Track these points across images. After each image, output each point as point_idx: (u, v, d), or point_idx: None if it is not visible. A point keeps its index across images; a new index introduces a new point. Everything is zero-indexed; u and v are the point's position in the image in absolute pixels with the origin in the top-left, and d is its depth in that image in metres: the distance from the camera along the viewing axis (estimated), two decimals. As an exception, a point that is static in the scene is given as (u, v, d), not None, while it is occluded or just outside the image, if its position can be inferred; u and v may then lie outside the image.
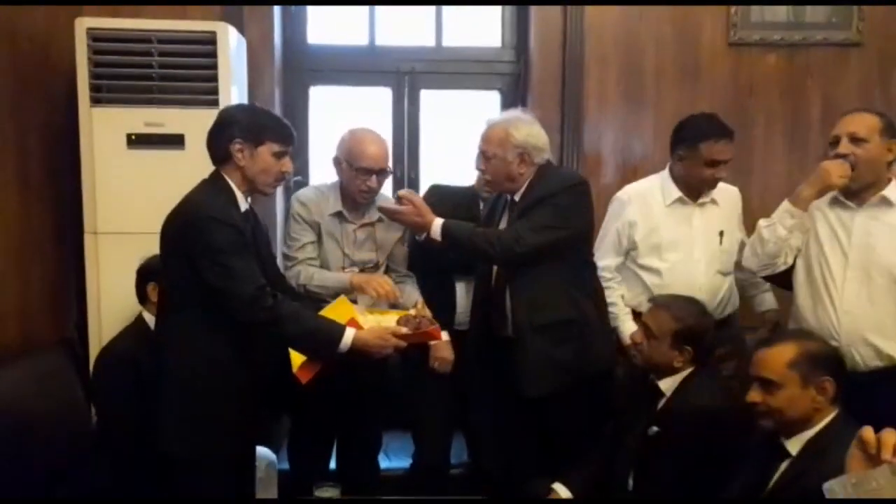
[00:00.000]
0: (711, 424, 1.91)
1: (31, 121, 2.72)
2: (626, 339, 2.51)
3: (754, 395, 1.71)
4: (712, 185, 2.54)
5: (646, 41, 3.24)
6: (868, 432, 1.14)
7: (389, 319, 2.19)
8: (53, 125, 2.82)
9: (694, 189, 2.56)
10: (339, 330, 1.97)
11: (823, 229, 2.21)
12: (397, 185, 3.48)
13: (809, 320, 2.19)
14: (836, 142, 2.17)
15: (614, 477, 2.09)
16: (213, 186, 2.02)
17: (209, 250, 1.87)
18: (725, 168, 2.52)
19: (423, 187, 3.49)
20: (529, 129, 2.39)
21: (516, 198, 2.42)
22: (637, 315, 2.47)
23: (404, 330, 2.09)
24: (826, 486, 1.15)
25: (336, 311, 2.17)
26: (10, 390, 2.34)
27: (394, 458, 3.00)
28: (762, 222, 2.26)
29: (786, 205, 2.19)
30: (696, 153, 2.47)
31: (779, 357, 1.69)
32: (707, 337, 2.09)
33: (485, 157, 2.42)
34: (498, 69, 3.46)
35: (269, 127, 2.02)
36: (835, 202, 2.21)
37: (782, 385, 1.67)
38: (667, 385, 2.07)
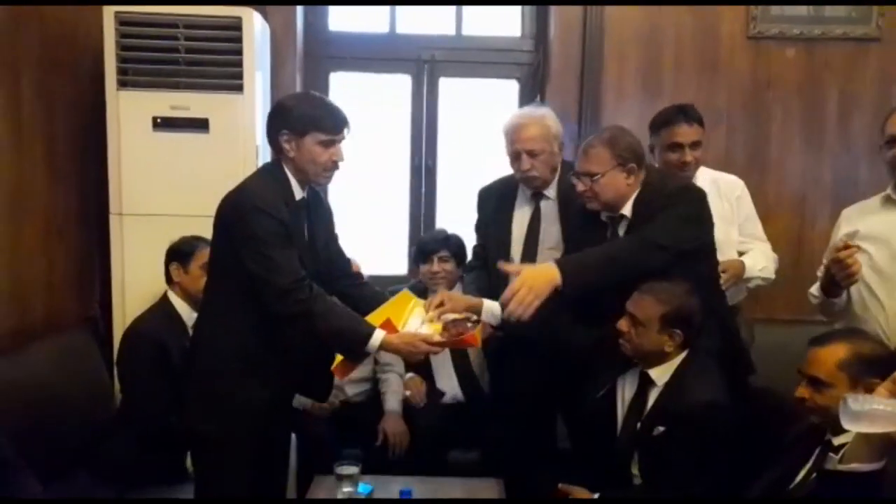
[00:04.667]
0: (717, 419, 1.89)
1: (59, 103, 2.76)
2: None
3: (803, 392, 1.71)
4: (681, 167, 2.53)
5: (665, 33, 3.25)
6: None
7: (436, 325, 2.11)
8: (80, 108, 2.86)
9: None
10: (368, 331, 1.95)
11: (872, 228, 2.15)
12: (415, 173, 3.52)
13: (861, 320, 2.14)
14: (892, 141, 2.10)
15: (616, 469, 2.08)
16: (269, 175, 2.05)
17: (252, 240, 1.90)
18: (693, 152, 2.53)
19: (441, 175, 3.54)
20: (556, 121, 2.47)
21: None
22: None
23: (437, 338, 2.02)
24: (846, 396, 1.31)
25: (395, 305, 2.17)
26: (36, 367, 2.40)
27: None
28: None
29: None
30: (659, 139, 2.56)
31: (830, 357, 1.68)
32: (695, 318, 2.02)
33: (531, 154, 2.43)
34: (517, 58, 3.47)
35: (314, 116, 2.00)
36: (887, 200, 2.18)
37: (831, 385, 1.66)
38: (659, 374, 2.03)
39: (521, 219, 2.58)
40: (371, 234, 3.56)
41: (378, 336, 1.95)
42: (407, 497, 1.88)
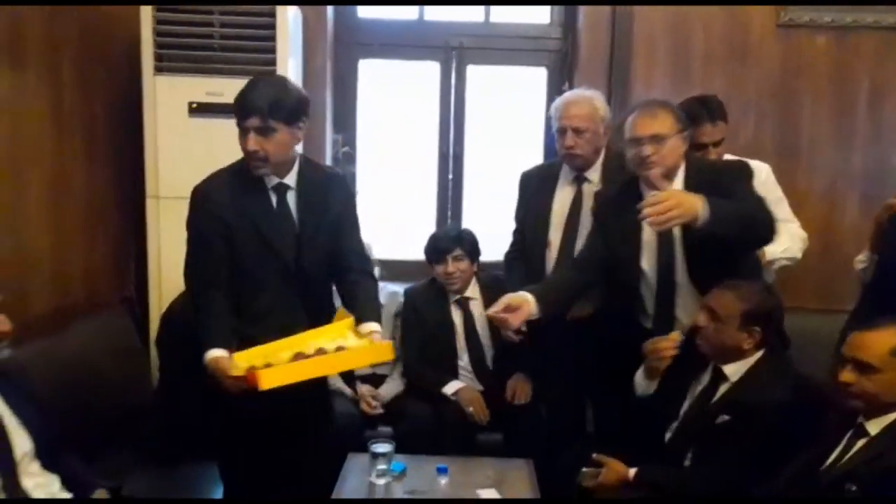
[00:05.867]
0: (784, 420, 1.89)
1: (97, 89, 2.82)
2: None
3: (848, 377, 1.69)
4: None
5: (694, 21, 3.24)
6: None
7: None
8: (118, 94, 2.92)
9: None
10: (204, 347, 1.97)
11: None
12: (442, 160, 3.55)
13: None
14: None
15: (668, 451, 2.11)
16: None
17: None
18: (716, 150, 2.47)
19: (468, 163, 3.57)
20: (605, 104, 2.50)
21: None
22: None
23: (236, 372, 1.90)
24: None
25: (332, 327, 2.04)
26: (77, 346, 2.46)
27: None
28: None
29: None
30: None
31: (881, 341, 1.67)
32: (775, 316, 2.02)
33: (577, 132, 2.45)
34: (545, 46, 3.48)
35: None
36: None
37: (881, 370, 1.65)
38: (733, 370, 2.02)
39: (561, 201, 2.60)
40: (398, 221, 3.60)
41: (209, 354, 1.95)
42: (444, 472, 1.92)
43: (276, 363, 1.84)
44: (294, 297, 2.10)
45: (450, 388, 2.78)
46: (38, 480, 1.71)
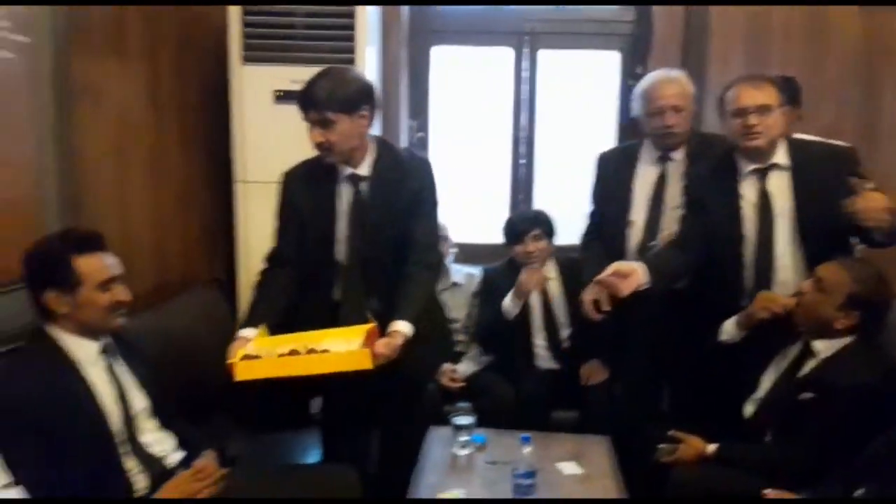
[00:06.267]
0: (872, 403, 1.86)
1: (190, 78, 2.98)
2: None
3: None
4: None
5: (773, -1, 3.19)
6: None
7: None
8: (208, 82, 3.06)
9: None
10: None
11: None
12: (515, 143, 3.60)
13: None
14: None
15: (749, 426, 2.13)
16: None
17: None
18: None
19: (539, 146, 3.61)
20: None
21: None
22: None
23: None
24: None
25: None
26: (175, 320, 2.61)
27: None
28: None
29: None
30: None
31: None
32: (880, 308, 1.99)
33: (676, 110, 2.49)
34: (618, 29, 3.49)
35: None
36: None
37: None
38: (822, 347, 2.02)
39: (644, 180, 2.62)
40: (471, 204, 3.67)
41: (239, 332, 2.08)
42: (527, 441, 1.99)
43: (265, 356, 1.89)
44: (361, 288, 2.18)
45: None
46: (155, 436, 1.85)
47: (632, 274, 2.18)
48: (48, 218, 2.10)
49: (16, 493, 1.45)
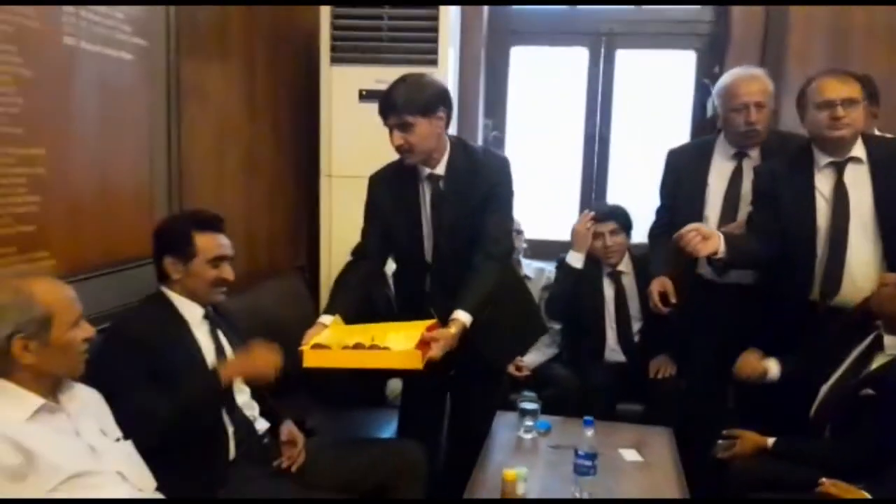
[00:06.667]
0: None
1: (282, 78, 3.19)
2: None
3: None
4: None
5: (856, -4, 3.14)
6: None
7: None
8: (298, 81, 3.28)
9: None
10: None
11: None
12: (588, 142, 3.66)
13: None
14: None
15: (810, 420, 2.15)
16: None
17: None
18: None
19: (613, 147, 3.66)
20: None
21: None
22: None
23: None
24: None
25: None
26: (263, 303, 2.81)
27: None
28: None
29: None
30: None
31: None
32: None
33: (759, 107, 2.50)
34: (696, 29, 3.50)
35: None
36: None
37: None
38: (892, 343, 2.01)
39: (719, 176, 2.63)
40: (544, 201, 3.76)
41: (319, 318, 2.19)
42: (589, 425, 2.06)
43: (333, 346, 2.03)
44: (439, 283, 2.30)
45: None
46: (246, 401, 2.05)
47: (711, 237, 2.25)
48: (158, 203, 2.34)
49: (126, 446, 1.65)
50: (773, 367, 2.24)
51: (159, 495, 1.63)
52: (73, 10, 1.91)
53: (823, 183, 2.30)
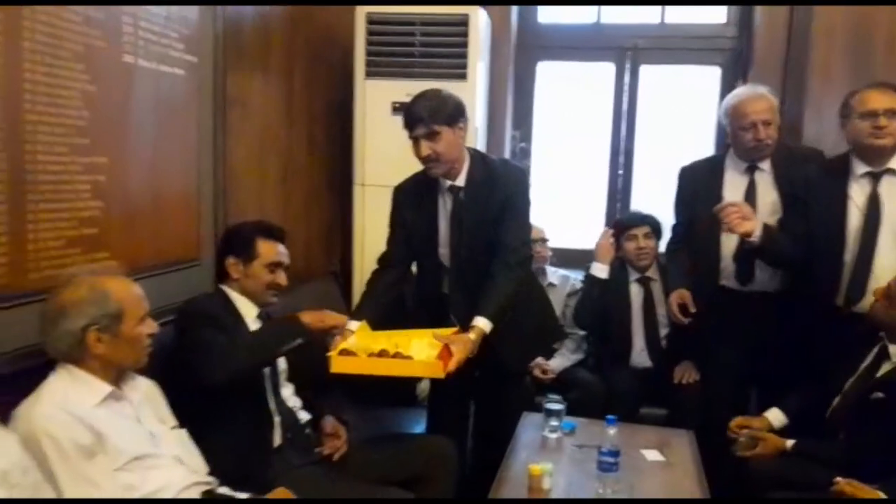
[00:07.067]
0: None
1: (318, 91, 3.34)
2: None
3: None
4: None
5: (878, 11, 3.20)
6: None
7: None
8: (334, 94, 3.42)
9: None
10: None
11: None
12: (613, 155, 3.75)
13: None
14: None
15: (824, 427, 2.23)
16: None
17: None
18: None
19: (637, 159, 3.75)
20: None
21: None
22: None
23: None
24: None
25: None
26: (299, 306, 2.89)
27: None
28: None
29: None
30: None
31: None
32: None
33: (766, 124, 2.60)
34: (720, 45, 3.59)
35: None
36: None
37: None
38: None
39: (734, 190, 2.71)
40: (569, 212, 3.85)
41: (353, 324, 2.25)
42: (612, 424, 2.15)
43: (360, 353, 2.12)
44: (458, 289, 2.40)
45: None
46: (289, 392, 2.20)
47: (751, 219, 2.36)
48: (204, 210, 2.48)
49: (181, 434, 1.78)
50: (777, 417, 2.33)
51: (212, 479, 1.75)
52: (132, 30, 2.06)
53: (857, 192, 2.41)
